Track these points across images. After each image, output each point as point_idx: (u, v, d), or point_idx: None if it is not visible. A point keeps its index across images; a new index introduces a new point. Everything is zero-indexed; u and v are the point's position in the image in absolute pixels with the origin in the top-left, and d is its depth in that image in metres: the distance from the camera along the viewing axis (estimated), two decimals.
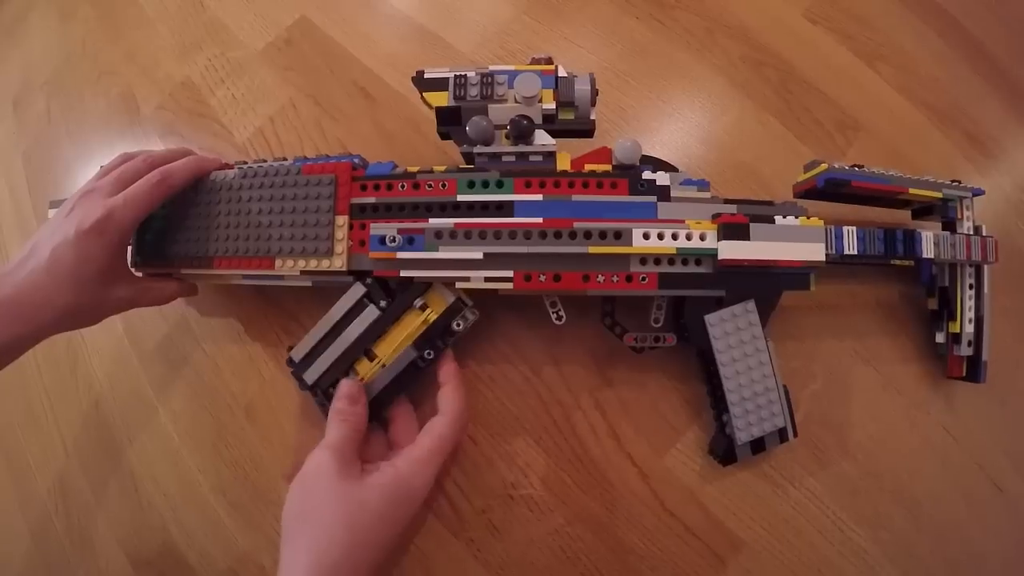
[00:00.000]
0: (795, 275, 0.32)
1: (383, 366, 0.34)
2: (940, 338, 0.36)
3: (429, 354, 0.34)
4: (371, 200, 0.34)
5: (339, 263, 0.34)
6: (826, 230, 0.32)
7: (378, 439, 0.35)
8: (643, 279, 0.32)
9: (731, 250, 0.31)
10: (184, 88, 0.51)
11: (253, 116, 0.48)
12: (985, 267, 0.35)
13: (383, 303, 0.34)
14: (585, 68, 0.34)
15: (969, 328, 0.35)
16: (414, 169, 0.35)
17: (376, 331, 0.34)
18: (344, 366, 0.35)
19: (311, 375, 0.35)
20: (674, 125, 0.43)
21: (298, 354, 0.36)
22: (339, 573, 0.28)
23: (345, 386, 0.34)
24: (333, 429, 0.32)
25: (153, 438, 0.44)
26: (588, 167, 0.34)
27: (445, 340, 0.35)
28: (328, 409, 0.33)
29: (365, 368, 0.35)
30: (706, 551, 0.36)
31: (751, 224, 0.31)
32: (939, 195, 0.35)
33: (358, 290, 0.35)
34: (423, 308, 0.34)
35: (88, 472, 0.45)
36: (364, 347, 0.35)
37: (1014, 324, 0.38)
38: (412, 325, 0.34)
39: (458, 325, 0.35)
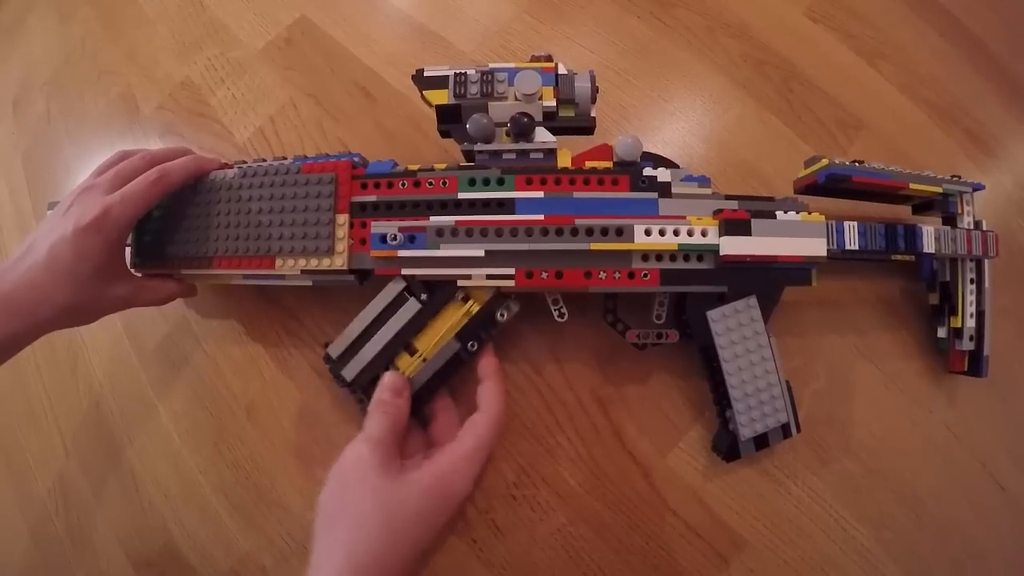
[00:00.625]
0: (797, 270, 0.32)
1: (424, 360, 0.34)
2: (941, 333, 0.36)
3: (473, 346, 0.34)
4: (372, 198, 0.34)
5: (340, 262, 0.34)
6: (827, 225, 0.32)
7: (416, 435, 0.35)
8: (645, 276, 0.32)
9: (733, 246, 0.31)
10: (184, 88, 0.51)
11: (253, 116, 0.48)
12: (986, 261, 0.35)
13: (423, 296, 0.34)
14: (586, 67, 0.34)
15: (970, 322, 0.35)
16: (415, 167, 0.35)
17: (417, 324, 0.34)
18: (384, 361, 0.34)
19: (350, 371, 0.34)
20: (675, 124, 0.43)
21: (336, 350, 0.35)
22: (374, 569, 0.27)
23: (389, 378, 0.33)
24: (374, 421, 0.31)
25: (154, 438, 0.43)
26: (589, 164, 0.34)
27: (489, 331, 0.34)
28: (367, 406, 0.33)
29: (406, 363, 0.34)
30: (709, 550, 0.35)
31: (752, 220, 0.31)
32: (939, 190, 0.35)
33: (398, 284, 0.34)
34: (465, 299, 0.34)
35: (88, 472, 0.45)
36: (405, 341, 0.34)
37: (1015, 322, 0.38)
38: (454, 317, 0.34)
39: (502, 315, 0.34)
